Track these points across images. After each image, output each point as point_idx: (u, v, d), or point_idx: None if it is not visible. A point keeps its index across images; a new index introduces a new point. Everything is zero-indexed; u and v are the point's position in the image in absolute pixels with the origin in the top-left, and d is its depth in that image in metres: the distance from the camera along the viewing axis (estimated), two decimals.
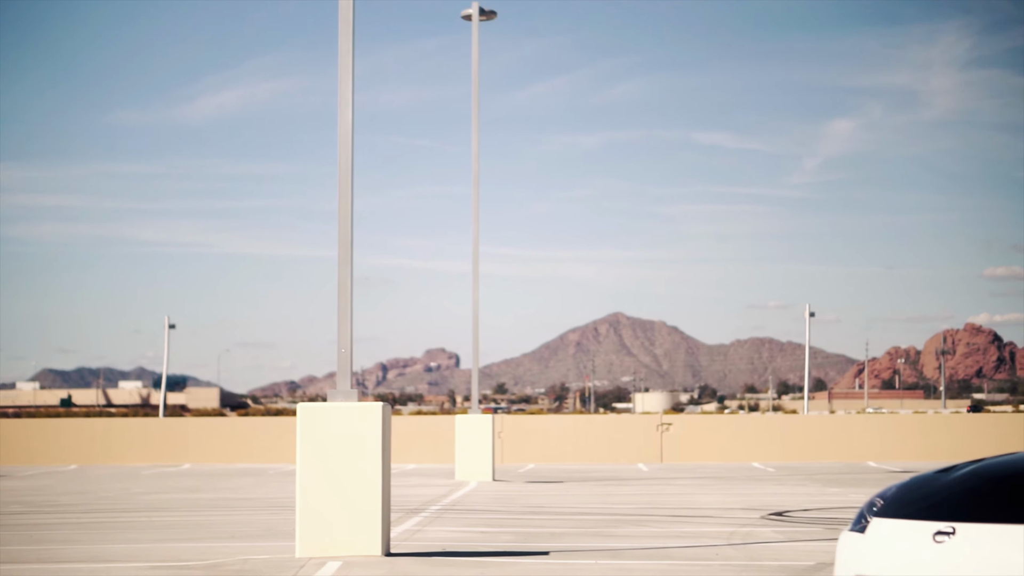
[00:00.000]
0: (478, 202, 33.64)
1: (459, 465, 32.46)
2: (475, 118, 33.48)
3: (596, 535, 16.97)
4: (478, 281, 33.41)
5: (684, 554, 14.57)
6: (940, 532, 7.57)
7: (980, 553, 7.34)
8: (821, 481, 31.36)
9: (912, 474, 8.48)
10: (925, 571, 7.53)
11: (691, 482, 31.28)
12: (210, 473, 37.71)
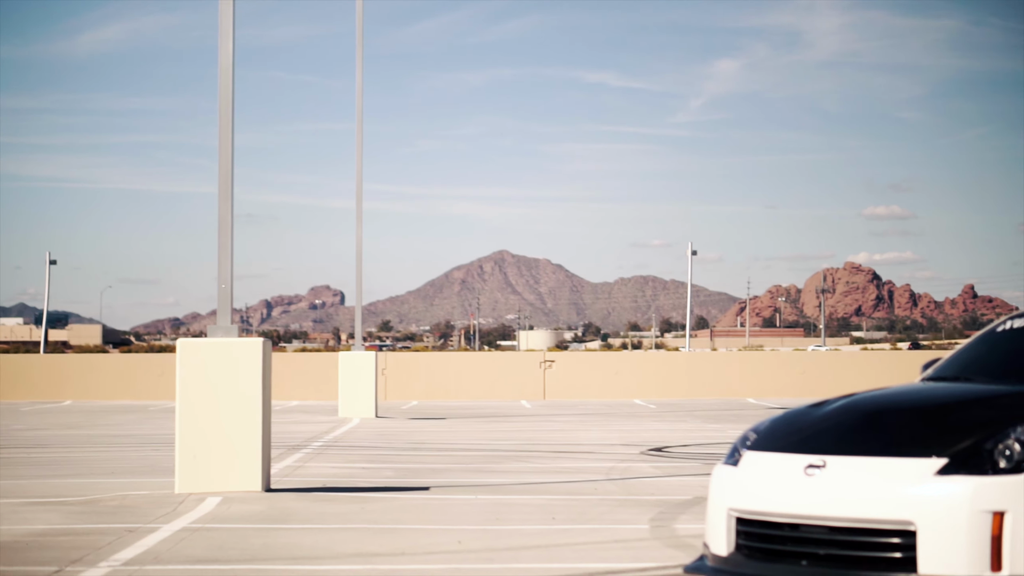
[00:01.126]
0: (362, 139, 33.49)
1: (342, 402, 32.44)
2: (359, 54, 33.28)
3: (477, 471, 17.07)
4: (362, 218, 33.31)
5: (563, 489, 14.70)
6: (811, 465, 7.70)
7: (849, 485, 7.48)
8: (701, 417, 31.70)
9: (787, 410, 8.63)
10: (796, 503, 7.65)
11: (572, 418, 31.49)
12: (91, 410, 37.41)
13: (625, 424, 28.84)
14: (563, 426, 28.18)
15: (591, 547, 10.21)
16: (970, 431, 7.45)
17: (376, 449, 21.15)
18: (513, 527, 11.41)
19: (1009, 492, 7.13)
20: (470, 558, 9.66)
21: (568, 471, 17.01)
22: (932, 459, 7.35)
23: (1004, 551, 7.09)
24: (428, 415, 33.57)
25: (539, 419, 31.39)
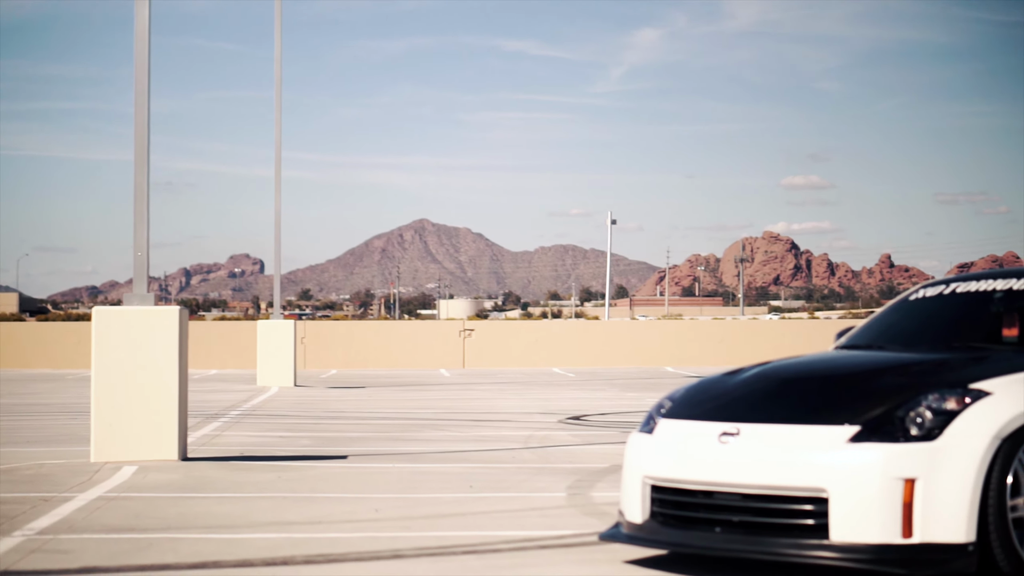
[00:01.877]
0: (280, 107, 33.32)
1: (261, 371, 32.33)
2: (278, 22, 33.08)
3: (395, 439, 17.07)
4: (280, 187, 33.15)
5: (481, 457, 14.73)
6: (725, 433, 7.75)
7: (762, 452, 7.54)
8: (619, 386, 31.82)
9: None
10: (710, 470, 7.71)
11: (491, 387, 31.54)
12: (7, 379, 37.09)
13: (544, 393, 28.92)
14: (482, 395, 28.22)
15: (508, 515, 10.24)
16: (882, 399, 7.53)
17: (294, 418, 21.11)
18: (430, 495, 11.42)
19: (920, 459, 7.21)
20: (387, 526, 9.67)
21: (486, 439, 17.04)
22: (844, 427, 7.42)
23: (915, 517, 7.17)
24: (347, 384, 33.52)
25: (458, 388, 31.42)
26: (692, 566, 7.99)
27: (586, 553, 8.52)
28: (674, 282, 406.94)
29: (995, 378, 7.61)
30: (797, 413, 7.69)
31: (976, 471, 7.19)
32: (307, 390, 30.28)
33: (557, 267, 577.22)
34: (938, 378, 7.70)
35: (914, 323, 9.39)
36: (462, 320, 48.87)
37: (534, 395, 27.89)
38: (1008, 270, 9.38)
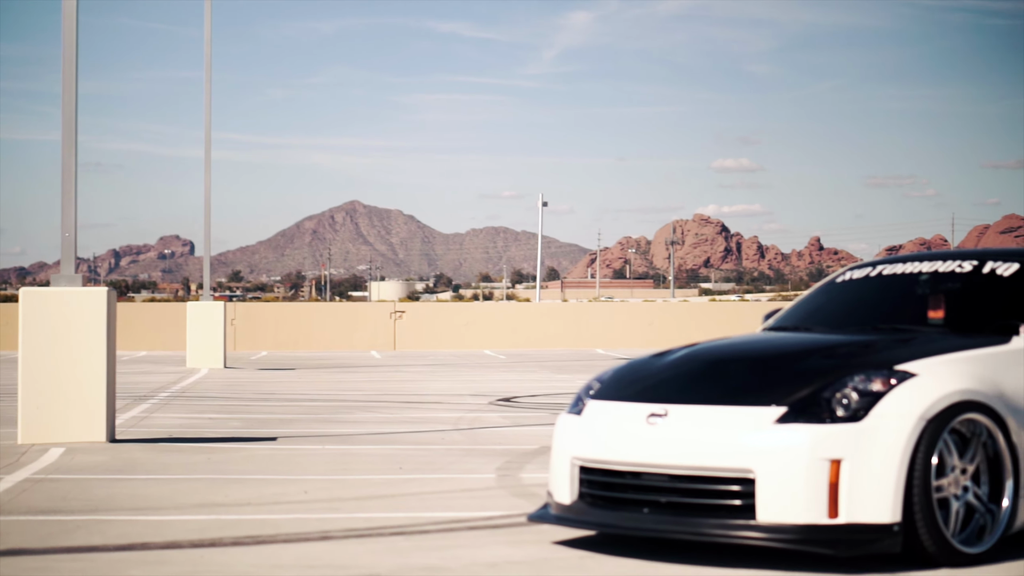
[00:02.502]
0: (210, 86, 33.13)
1: (190, 353, 32.18)
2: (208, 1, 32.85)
3: (325, 421, 17.04)
4: (210, 167, 32.98)
5: (411, 439, 14.73)
6: (653, 414, 7.79)
7: (690, 433, 7.58)
8: (550, 368, 31.88)
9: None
10: (638, 451, 7.74)
11: (422, 369, 31.54)
12: None
13: (474, 374, 28.94)
14: (413, 376, 28.21)
15: (437, 496, 10.25)
16: (809, 380, 7.58)
17: (224, 400, 21.03)
18: (360, 477, 11.42)
19: (846, 440, 7.27)
20: (316, 508, 9.66)
21: (416, 421, 17.05)
22: (771, 408, 7.47)
23: (841, 498, 7.23)
24: (277, 365, 33.43)
25: (389, 369, 31.39)
26: (620, 547, 8.03)
27: (515, 534, 8.54)
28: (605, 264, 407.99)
29: (921, 360, 7.68)
30: (724, 394, 7.73)
31: (901, 452, 7.26)
32: (237, 372, 30.17)
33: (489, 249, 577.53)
34: (864, 359, 7.76)
35: (841, 305, 9.46)
36: (393, 302, 48.81)
37: (465, 377, 27.91)
38: (934, 253, 9.46)
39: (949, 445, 7.50)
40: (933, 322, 8.83)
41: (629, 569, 7.38)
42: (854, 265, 9.83)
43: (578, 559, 7.70)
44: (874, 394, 7.40)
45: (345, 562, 7.60)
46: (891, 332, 8.60)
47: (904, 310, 9.13)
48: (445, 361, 35.86)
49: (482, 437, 14.91)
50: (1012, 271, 8.87)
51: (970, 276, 9.01)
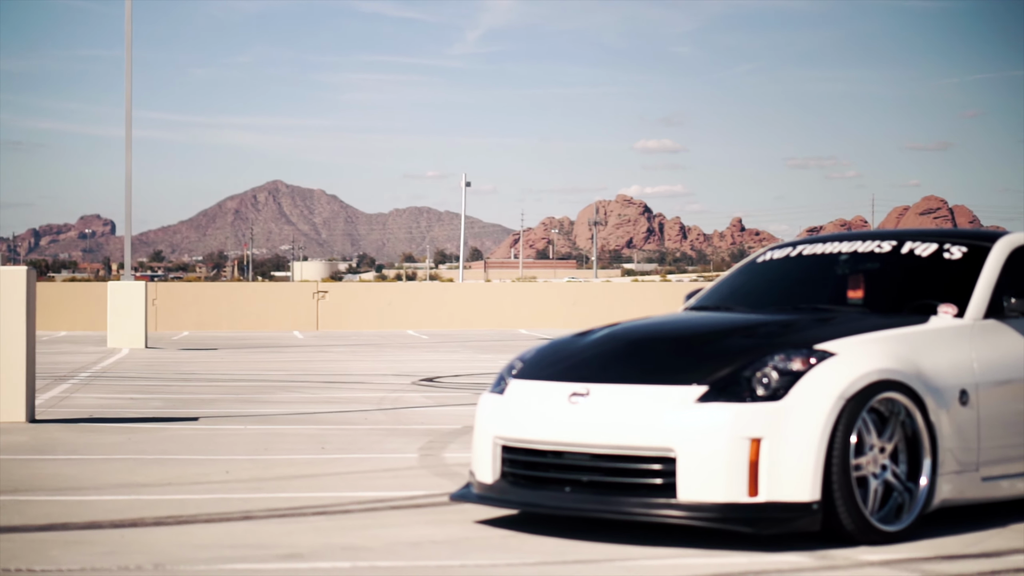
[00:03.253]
0: (131, 65, 32.88)
1: (111, 333, 31.97)
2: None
3: (247, 401, 16.98)
4: (131, 146, 32.74)
5: (333, 419, 14.70)
6: (575, 393, 7.81)
7: (611, 412, 7.61)
8: (473, 348, 31.90)
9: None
10: (560, 431, 7.77)
11: (345, 349, 31.48)
12: None
13: (397, 355, 28.91)
14: (335, 356, 28.15)
15: (360, 476, 10.24)
16: (729, 359, 7.63)
17: (145, 380, 20.91)
18: (282, 457, 11.39)
19: (766, 419, 7.33)
20: (238, 488, 9.63)
21: (339, 401, 17.02)
22: (692, 387, 7.51)
23: (761, 476, 7.29)
24: (199, 346, 33.26)
25: (311, 350, 31.31)
26: (542, 525, 8.05)
27: (437, 514, 8.55)
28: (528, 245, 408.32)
29: (840, 339, 7.75)
30: (646, 373, 7.77)
31: (821, 431, 7.32)
32: (158, 352, 29.99)
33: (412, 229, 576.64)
34: (784, 339, 7.82)
35: (762, 285, 9.52)
36: (316, 282, 48.65)
37: (388, 357, 27.88)
38: (853, 233, 9.54)
39: (868, 424, 7.57)
40: (853, 302, 8.91)
41: (551, 548, 7.41)
42: (775, 245, 9.90)
43: (500, 538, 7.72)
44: (794, 373, 7.46)
45: (267, 542, 7.58)
46: (811, 312, 8.67)
47: (824, 290, 9.21)
48: (368, 341, 35.80)
49: (405, 417, 14.91)
50: (930, 251, 8.96)
51: (889, 256, 9.09)
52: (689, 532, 7.78)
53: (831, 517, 7.34)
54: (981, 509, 8.57)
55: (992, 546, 7.49)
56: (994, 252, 8.83)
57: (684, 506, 7.33)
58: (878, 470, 7.62)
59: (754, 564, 6.97)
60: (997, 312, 8.49)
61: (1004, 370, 8.25)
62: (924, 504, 7.72)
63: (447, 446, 12.16)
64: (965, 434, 7.94)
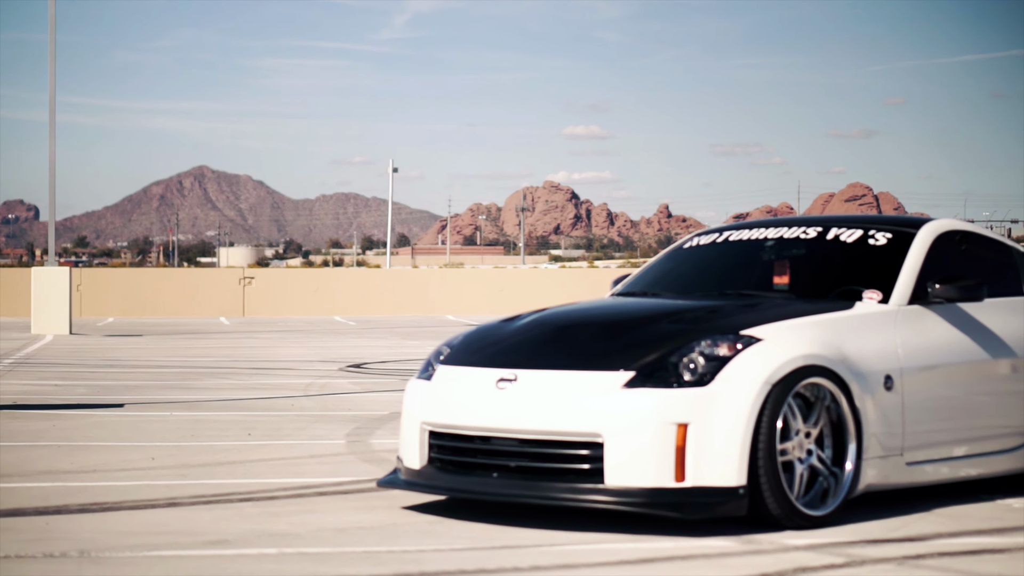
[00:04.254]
0: (55, 48, 32.58)
1: (35, 319, 31.70)
2: None
3: (173, 387, 16.89)
4: (55, 131, 32.45)
5: (260, 405, 14.65)
6: (503, 379, 7.82)
7: (539, 398, 7.62)
8: (400, 334, 31.86)
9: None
10: (488, 416, 7.77)
11: (272, 335, 31.36)
12: None
13: (324, 341, 28.84)
14: (262, 343, 28.05)
15: (287, 462, 10.21)
16: (656, 345, 7.65)
17: (69, 366, 20.74)
18: (208, 443, 11.34)
19: (693, 404, 7.36)
20: (164, 474, 9.58)
21: (266, 387, 16.96)
22: (619, 372, 7.53)
23: (688, 461, 7.32)
24: (124, 332, 33.03)
25: (238, 336, 31.17)
26: (470, 511, 8.05)
27: (364, 500, 8.53)
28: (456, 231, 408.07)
29: (766, 325, 7.79)
30: (573, 359, 7.78)
31: (747, 416, 7.36)
32: (83, 338, 29.76)
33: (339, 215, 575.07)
34: (711, 324, 7.85)
35: (688, 271, 9.55)
36: (242, 268, 48.43)
37: (315, 343, 27.80)
38: (779, 219, 9.59)
39: (794, 409, 7.62)
40: (779, 288, 8.96)
41: (478, 533, 7.41)
42: (701, 231, 9.93)
43: (428, 524, 7.71)
44: (720, 359, 7.49)
45: (193, 528, 7.54)
46: (737, 297, 8.71)
47: (750, 276, 9.25)
48: (295, 327, 35.69)
49: (332, 403, 14.87)
50: (855, 238, 9.02)
51: (815, 243, 9.15)
52: (617, 517, 7.80)
53: (757, 502, 7.39)
54: (906, 494, 8.64)
55: (916, 530, 7.55)
56: (918, 238, 8.91)
57: (611, 491, 7.35)
58: (804, 455, 7.67)
59: (681, 549, 7.00)
60: (921, 298, 8.56)
61: (928, 355, 8.33)
62: (849, 489, 7.77)
63: (374, 432, 12.14)
64: (890, 419, 8.00)
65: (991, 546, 7.14)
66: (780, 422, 7.47)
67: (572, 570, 6.52)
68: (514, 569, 6.52)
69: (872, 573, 6.49)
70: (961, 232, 9.22)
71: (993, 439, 8.74)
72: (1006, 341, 8.84)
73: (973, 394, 8.60)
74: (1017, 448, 8.88)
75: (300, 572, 6.45)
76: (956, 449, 8.48)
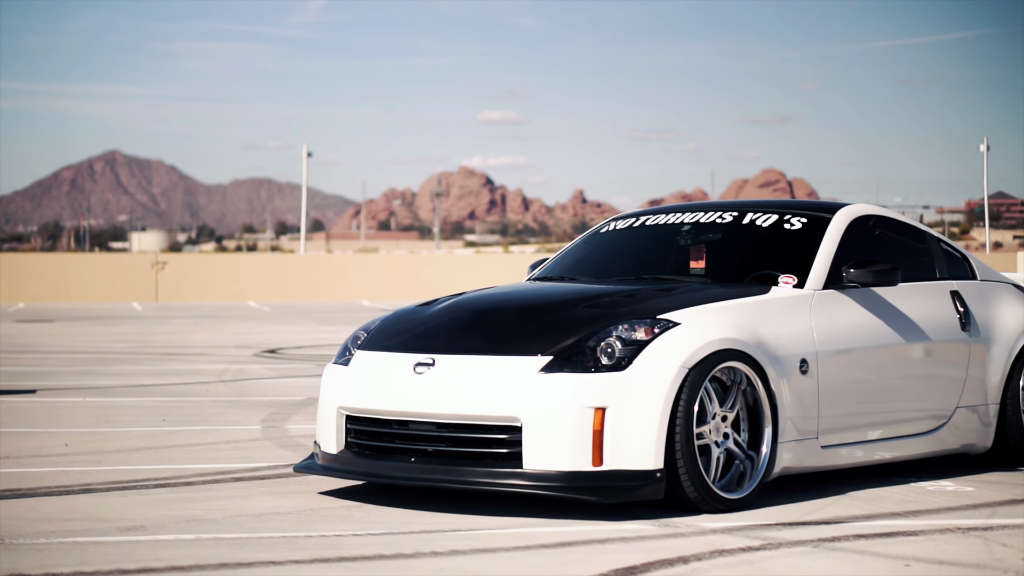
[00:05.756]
0: None
1: None
2: None
3: (86, 373, 16.74)
4: None
5: (175, 391, 14.55)
6: (420, 363, 7.80)
7: (457, 383, 7.62)
8: (315, 320, 31.76)
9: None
10: (405, 401, 7.75)
11: (186, 321, 31.16)
12: None
13: (239, 326, 28.69)
14: (176, 328, 27.86)
15: (202, 448, 10.15)
16: (573, 329, 7.66)
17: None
18: (122, 429, 11.25)
19: (610, 388, 7.37)
20: (78, 461, 9.49)
21: (180, 373, 16.85)
22: (537, 357, 7.54)
23: (605, 445, 7.34)
24: (36, 318, 32.71)
25: (151, 321, 30.95)
26: (387, 496, 8.04)
27: (281, 485, 8.50)
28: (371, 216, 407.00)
29: (683, 309, 7.82)
30: (491, 344, 7.77)
31: (664, 400, 7.38)
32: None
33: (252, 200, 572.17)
34: (628, 309, 7.86)
35: (605, 255, 9.57)
36: (155, 253, 48.06)
37: (229, 329, 27.65)
38: (696, 204, 9.62)
39: (710, 393, 7.65)
40: (695, 272, 9.00)
41: (395, 518, 7.40)
42: (618, 216, 9.95)
43: (344, 509, 7.69)
44: (637, 343, 7.51)
45: (108, 515, 7.48)
46: (654, 282, 8.73)
47: (667, 260, 9.28)
48: (209, 313, 35.47)
49: (247, 389, 14.80)
50: (771, 222, 9.07)
51: (731, 227, 9.19)
52: (535, 501, 7.81)
53: (674, 485, 7.42)
54: (821, 477, 8.72)
55: (831, 513, 7.61)
56: (833, 223, 8.97)
57: (529, 475, 7.35)
58: (720, 438, 7.70)
59: (598, 532, 7.02)
60: (837, 282, 8.62)
61: (843, 339, 8.39)
62: (765, 472, 7.82)
63: (290, 418, 12.09)
64: (805, 403, 8.06)
65: (905, 528, 7.20)
66: (697, 406, 7.50)
67: (490, 554, 6.52)
68: (432, 554, 6.51)
69: (788, 556, 6.54)
70: (875, 217, 9.30)
71: (907, 422, 8.83)
72: (920, 325, 8.93)
73: (887, 378, 8.68)
74: (931, 431, 8.98)
75: (217, 558, 6.41)
76: (871, 432, 8.56)
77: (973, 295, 9.52)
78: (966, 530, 7.15)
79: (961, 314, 9.29)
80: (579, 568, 6.23)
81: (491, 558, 6.46)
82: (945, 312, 9.21)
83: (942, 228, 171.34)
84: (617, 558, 6.44)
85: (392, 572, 6.16)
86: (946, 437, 9.10)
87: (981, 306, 9.50)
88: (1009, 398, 9.42)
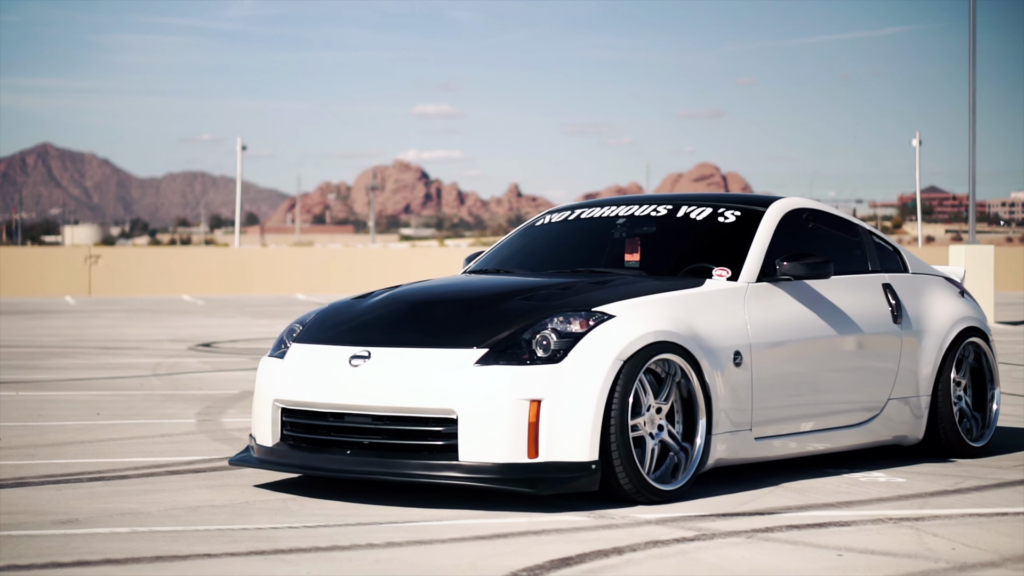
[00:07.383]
0: None
1: None
2: None
3: (18, 367, 16.62)
4: None
5: (109, 385, 14.48)
6: (356, 356, 7.80)
7: (393, 375, 7.62)
8: (250, 313, 31.66)
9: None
10: (341, 393, 7.76)
11: (120, 315, 30.99)
12: None
13: (173, 320, 28.56)
14: (109, 322, 27.70)
15: (137, 442, 10.11)
16: (509, 322, 7.69)
17: None
18: (56, 423, 11.19)
19: (545, 380, 7.40)
20: (11, 455, 9.44)
21: (114, 367, 16.76)
22: (472, 349, 7.56)
23: (541, 437, 7.37)
24: None
25: (84, 315, 30.76)
26: (323, 489, 8.04)
27: (216, 478, 8.48)
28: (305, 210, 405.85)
29: (618, 301, 7.85)
30: (426, 336, 7.79)
31: (599, 392, 7.42)
32: None
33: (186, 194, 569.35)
34: (563, 301, 7.89)
35: (541, 248, 9.59)
36: (88, 247, 47.75)
37: (163, 323, 27.51)
38: (630, 197, 9.66)
39: (645, 385, 7.69)
40: (630, 265, 9.04)
41: (332, 511, 7.40)
42: (553, 209, 9.98)
43: (280, 502, 7.69)
44: (573, 335, 7.54)
45: (42, 508, 7.45)
46: (589, 275, 8.76)
47: (602, 253, 9.31)
48: (143, 307, 35.28)
49: (182, 382, 14.74)
50: (705, 215, 9.12)
51: (665, 220, 9.23)
52: (471, 493, 7.83)
53: (609, 477, 7.45)
54: (755, 468, 8.78)
55: (765, 504, 7.67)
56: (767, 216, 9.03)
57: (465, 467, 7.37)
58: (655, 430, 7.75)
59: (534, 524, 7.04)
60: (770, 275, 8.68)
61: (776, 332, 8.45)
62: (699, 464, 7.87)
63: (225, 411, 12.06)
64: (739, 395, 8.12)
65: (838, 519, 7.27)
66: (631, 398, 7.54)
67: (426, 546, 6.54)
68: (368, 546, 6.52)
69: (722, 546, 6.58)
70: (809, 210, 9.38)
71: (840, 414, 8.90)
72: (853, 318, 9.01)
73: (820, 370, 8.75)
74: (863, 423, 9.06)
75: (152, 551, 6.39)
76: (804, 424, 8.63)
77: (905, 288, 9.61)
78: (898, 520, 7.22)
79: (893, 307, 9.38)
80: (515, 559, 6.25)
81: (427, 550, 6.48)
82: (877, 305, 9.30)
83: (875, 222, 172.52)
84: (553, 549, 6.47)
85: (328, 564, 6.17)
86: (878, 428, 9.18)
87: (913, 299, 9.59)
88: (940, 390, 9.52)
